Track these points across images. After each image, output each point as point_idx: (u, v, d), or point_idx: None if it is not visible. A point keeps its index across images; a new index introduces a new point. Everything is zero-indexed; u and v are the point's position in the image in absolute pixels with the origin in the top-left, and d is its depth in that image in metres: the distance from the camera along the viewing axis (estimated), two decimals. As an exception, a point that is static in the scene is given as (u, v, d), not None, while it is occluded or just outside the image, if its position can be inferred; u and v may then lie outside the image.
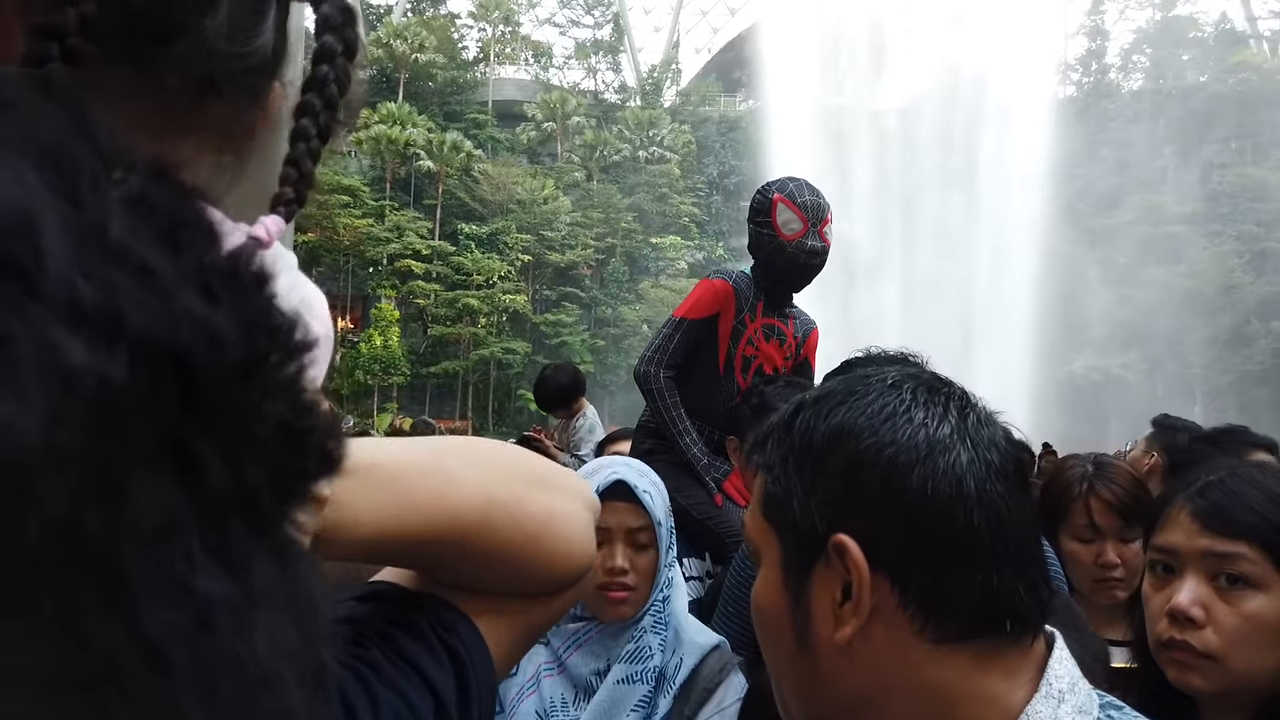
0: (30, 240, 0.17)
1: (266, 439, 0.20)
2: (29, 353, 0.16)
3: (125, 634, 0.17)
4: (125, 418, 0.17)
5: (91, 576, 0.17)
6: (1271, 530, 1.15)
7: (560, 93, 46.08)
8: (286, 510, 0.21)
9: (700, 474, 2.67)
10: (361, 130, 40.08)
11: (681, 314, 2.83)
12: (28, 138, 0.19)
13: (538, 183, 41.44)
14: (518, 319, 40.19)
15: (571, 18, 53.68)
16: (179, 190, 0.22)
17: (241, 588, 0.19)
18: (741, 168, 45.32)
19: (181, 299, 0.19)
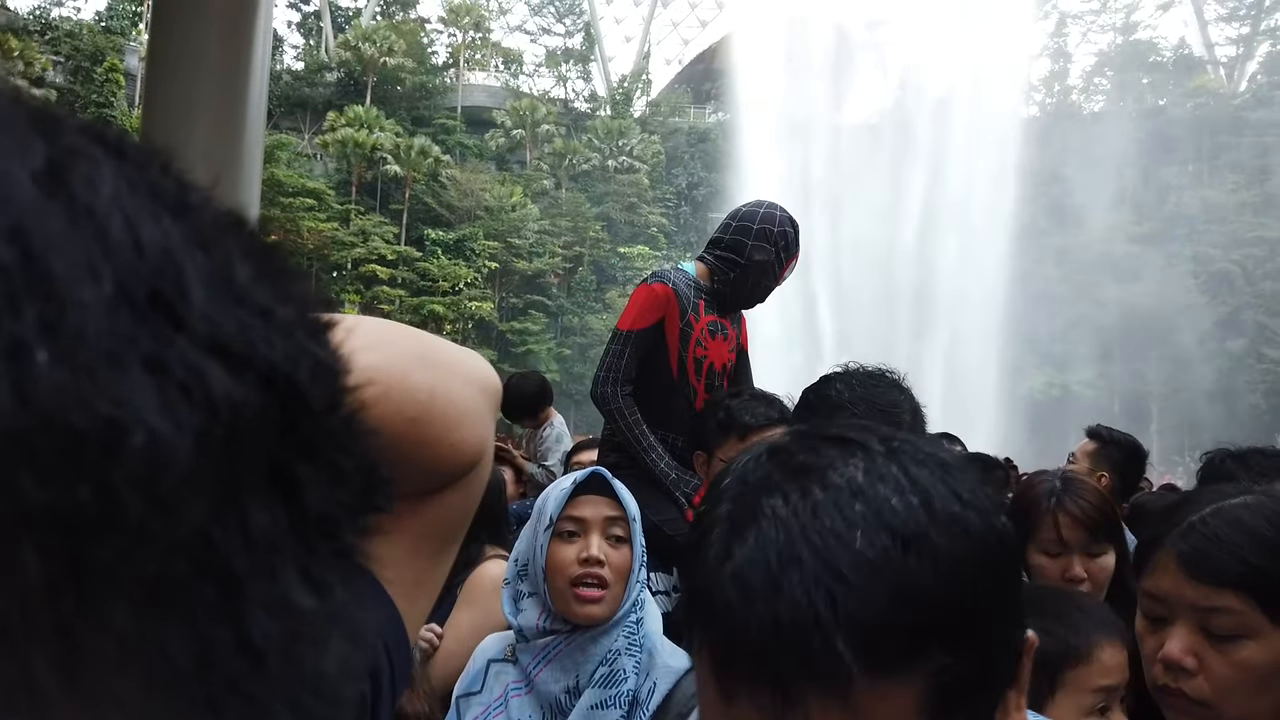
0: (175, 280, 0.19)
1: (348, 468, 0.22)
2: (180, 378, 0.18)
3: (233, 637, 0.19)
4: (252, 440, 0.19)
5: (212, 582, 0.19)
6: (1256, 577, 1.13)
7: (530, 100, 46.00)
8: (358, 537, 0.23)
9: (670, 489, 2.61)
10: (328, 133, 39.76)
11: (627, 326, 2.75)
12: (158, 189, 0.21)
13: (506, 190, 41.29)
14: (484, 326, 39.96)
15: (542, 25, 53.74)
16: (266, 240, 0.24)
17: (324, 606, 0.21)
18: (710, 179, 45.51)
19: (297, 337, 0.22)
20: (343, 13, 49.38)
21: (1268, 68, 47.18)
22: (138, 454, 0.17)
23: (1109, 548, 1.97)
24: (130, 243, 0.19)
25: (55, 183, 0.19)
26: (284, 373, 0.21)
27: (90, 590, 0.17)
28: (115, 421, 0.17)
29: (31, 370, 0.17)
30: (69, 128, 0.21)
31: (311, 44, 48.14)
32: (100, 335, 0.18)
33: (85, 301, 0.18)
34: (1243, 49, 49.00)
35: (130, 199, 0.20)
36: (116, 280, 0.18)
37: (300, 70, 45.56)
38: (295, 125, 44.20)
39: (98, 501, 0.17)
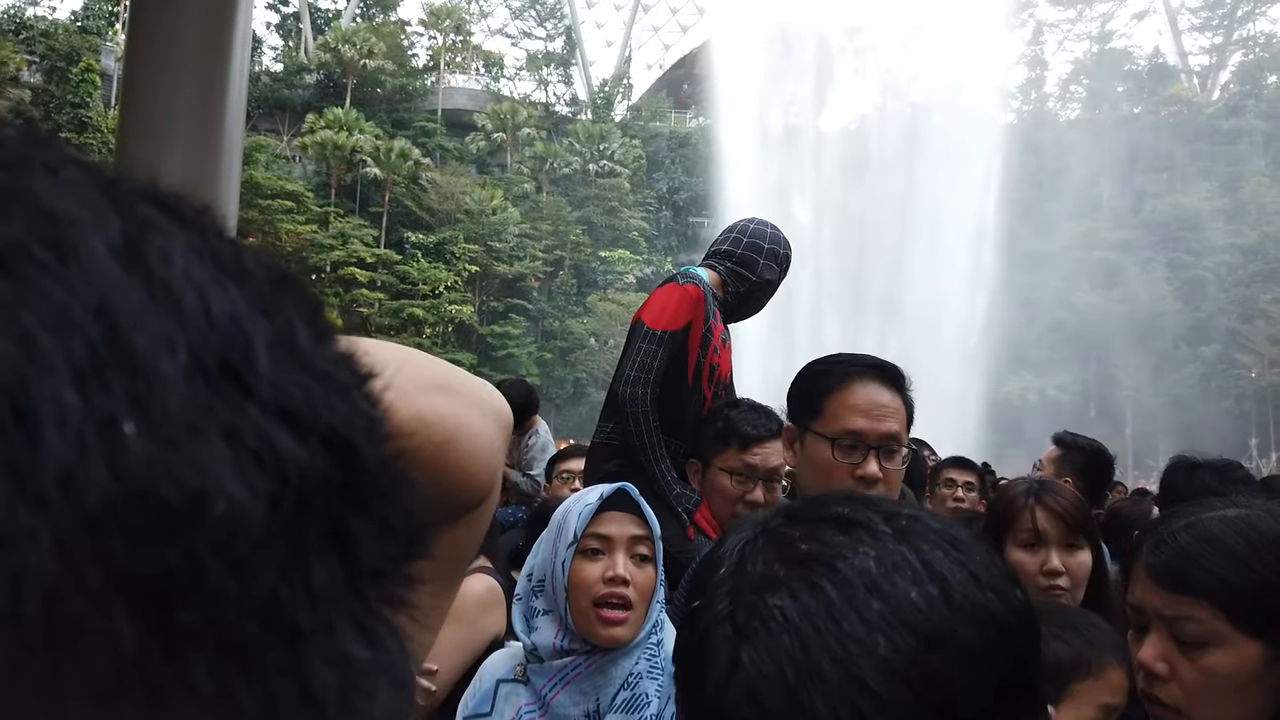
0: (244, 349, 0.20)
1: (396, 521, 0.23)
2: (252, 445, 0.19)
3: (298, 690, 0.20)
4: (316, 502, 0.20)
5: (279, 637, 0.19)
6: (1223, 588, 1.15)
7: (511, 103, 45.93)
8: (404, 586, 0.24)
9: (673, 504, 2.54)
10: (307, 135, 39.53)
11: (662, 326, 2.62)
12: (219, 255, 0.22)
13: (486, 193, 41.19)
14: (464, 330, 39.85)
15: (523, 29, 53.71)
16: (313, 296, 0.25)
17: (376, 656, 0.22)
18: (691, 184, 45.62)
19: (353, 399, 0.23)
20: (322, 14, 49.13)
21: (1240, 77, 47.91)
22: (219, 521, 0.18)
23: (1085, 546, 2.01)
24: (202, 314, 0.20)
25: (133, 257, 0.19)
26: (343, 434, 0.22)
27: (174, 651, 0.18)
28: (199, 491, 0.18)
29: (122, 444, 0.17)
30: (137, 196, 0.22)
31: (291, 45, 47.86)
32: (181, 407, 0.19)
33: (167, 374, 0.19)
34: (1216, 58, 49.77)
35: (199, 270, 0.21)
36: (191, 352, 0.19)
37: (279, 72, 45.28)
38: (274, 127, 43.91)
39: (183, 567, 0.18)
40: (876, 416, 1.71)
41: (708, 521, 2.51)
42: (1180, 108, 46.82)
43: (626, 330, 2.80)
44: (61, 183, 0.20)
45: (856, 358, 1.83)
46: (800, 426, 1.82)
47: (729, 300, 2.82)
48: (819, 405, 1.77)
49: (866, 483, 1.68)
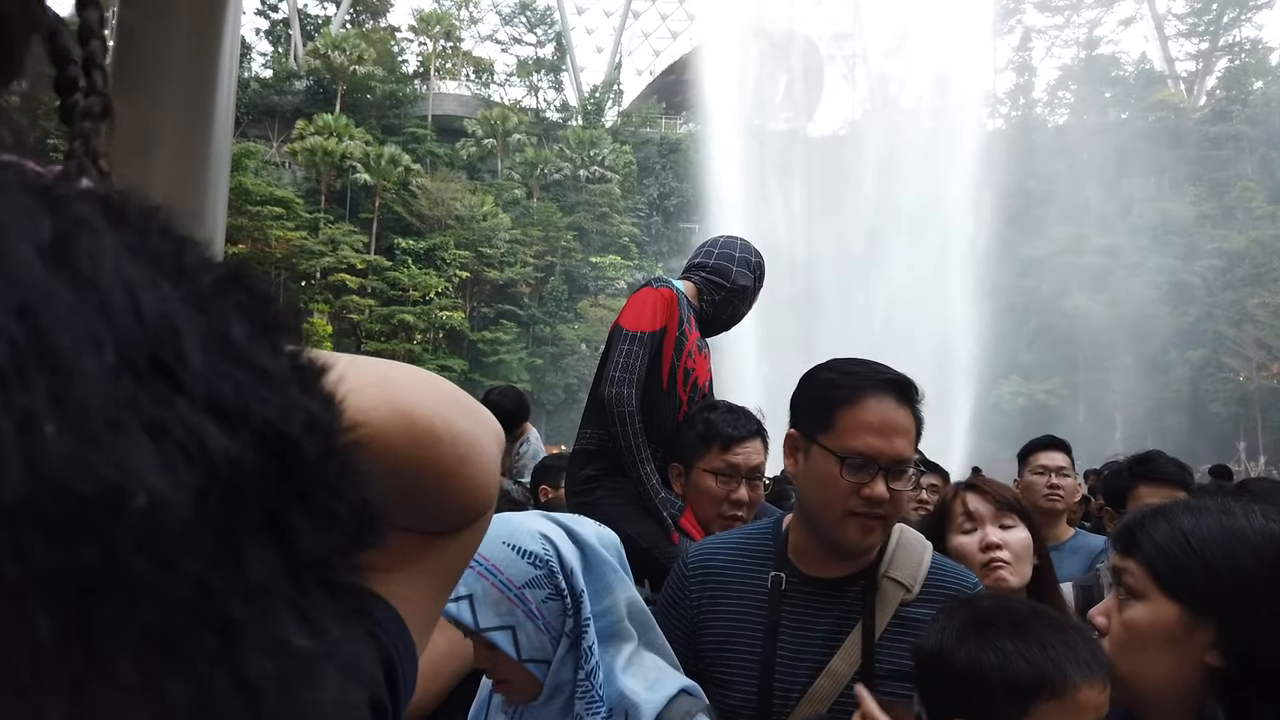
0: (174, 344, 0.21)
1: (341, 511, 0.23)
2: (179, 439, 0.20)
3: (230, 677, 0.20)
4: (248, 494, 0.21)
5: (210, 627, 0.19)
6: (1153, 547, 1.26)
7: (501, 109, 45.96)
8: (349, 577, 0.24)
9: (657, 507, 2.55)
10: (296, 141, 39.45)
11: (639, 327, 2.66)
12: (156, 254, 0.22)
13: (477, 199, 41.18)
14: (454, 336, 39.79)
15: (514, 35, 53.77)
16: (263, 293, 0.25)
17: (318, 644, 0.22)
18: (682, 189, 45.70)
19: (290, 393, 0.23)
20: (312, 20, 49.08)
21: (1226, 83, 48.22)
22: (140, 514, 0.18)
23: (1019, 523, 2.16)
24: (131, 311, 0.20)
25: (60, 257, 0.20)
26: (277, 427, 0.22)
27: (97, 645, 0.18)
28: (118, 485, 0.18)
29: (40, 441, 0.18)
30: (76, 197, 0.22)
31: (280, 52, 47.79)
32: (104, 403, 0.19)
33: (89, 372, 0.19)
34: (1202, 64, 50.11)
35: (131, 267, 0.21)
36: (118, 349, 0.19)
37: (268, 78, 45.20)
38: (263, 133, 43.81)
39: (103, 562, 0.18)
40: (889, 436, 1.67)
41: (693, 525, 2.51)
42: (1167, 113, 47.08)
43: None
44: None
45: (871, 369, 1.76)
46: (806, 437, 1.75)
47: (707, 310, 2.88)
48: (829, 418, 1.71)
49: (872, 503, 1.65)
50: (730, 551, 1.89)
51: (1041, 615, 1.36)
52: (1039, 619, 1.34)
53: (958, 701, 1.31)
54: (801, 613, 1.75)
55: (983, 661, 1.28)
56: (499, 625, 1.43)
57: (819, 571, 1.77)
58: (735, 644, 1.77)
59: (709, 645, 1.80)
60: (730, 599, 1.82)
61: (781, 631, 1.74)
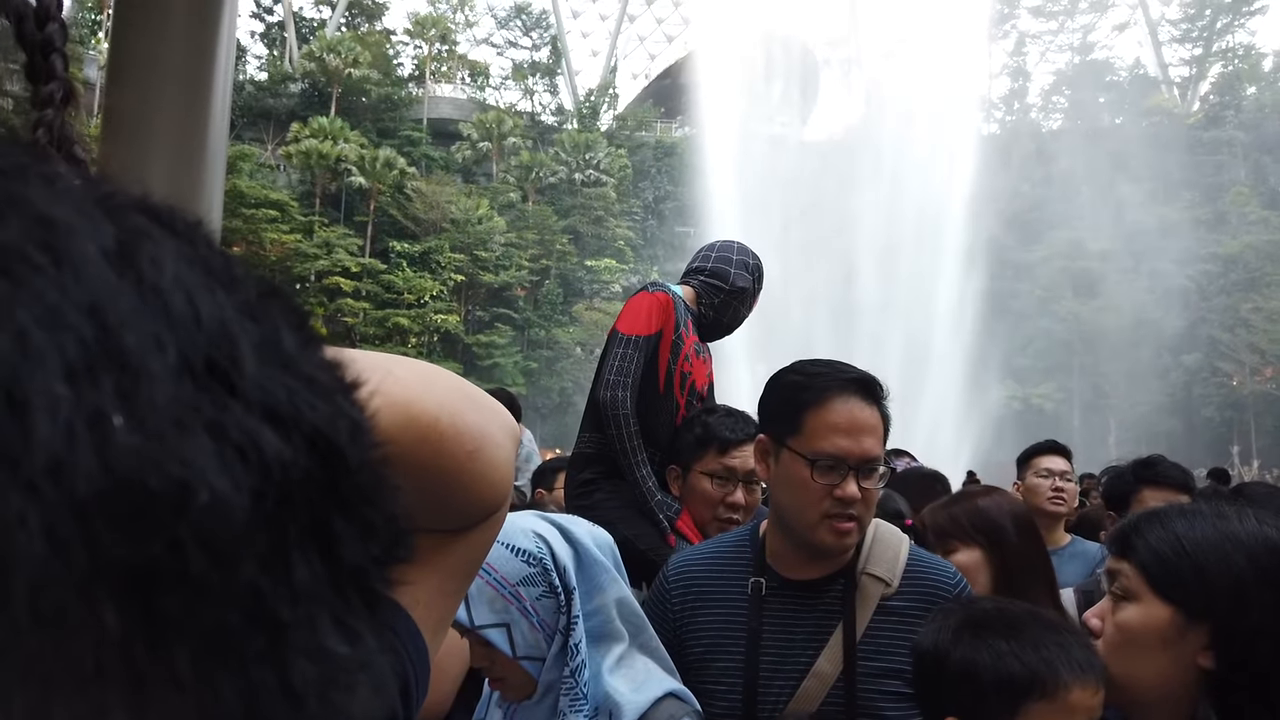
0: (230, 350, 0.21)
1: (377, 522, 0.24)
2: (237, 441, 0.20)
3: (276, 679, 0.20)
4: (298, 499, 0.21)
5: (259, 628, 0.20)
6: (1147, 550, 1.27)
7: (497, 113, 45.95)
8: (385, 587, 0.25)
9: (654, 510, 2.55)
10: (291, 144, 39.39)
11: (634, 331, 2.67)
12: (208, 263, 0.23)
13: (472, 202, 41.16)
14: (449, 339, 39.74)
15: (509, 39, 53.75)
16: (301, 306, 0.26)
17: (355, 653, 0.22)
18: (677, 193, 45.71)
19: (336, 402, 0.24)
20: (307, 23, 49.04)
21: (1220, 88, 48.41)
22: (203, 512, 0.19)
23: (966, 547, 2.23)
24: (191, 316, 0.21)
25: (124, 262, 0.20)
26: (326, 435, 0.22)
27: (157, 639, 0.19)
28: (184, 482, 0.19)
29: (111, 436, 0.18)
30: (131, 206, 0.22)
31: (275, 54, 47.74)
32: (168, 402, 0.19)
33: (155, 372, 0.19)
34: (1196, 69, 50.28)
35: (189, 275, 0.22)
36: (179, 351, 0.20)
37: (264, 81, 45.13)
38: (258, 136, 43.75)
39: (167, 557, 0.18)
40: (857, 436, 1.67)
41: (690, 529, 2.51)
42: (1161, 118, 47.24)
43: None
44: (58, 191, 0.21)
45: (835, 369, 1.76)
46: (775, 441, 1.76)
47: (706, 314, 2.89)
48: (796, 421, 1.71)
49: (844, 504, 1.65)
50: (709, 561, 1.89)
51: (1037, 617, 1.37)
52: (1034, 621, 1.35)
53: (952, 701, 1.32)
54: (783, 617, 1.75)
55: (976, 661, 1.30)
56: (494, 623, 1.45)
57: (798, 574, 1.77)
58: (719, 653, 1.77)
59: (693, 656, 1.78)
60: (712, 609, 1.82)
61: (765, 637, 1.74)
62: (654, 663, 1.55)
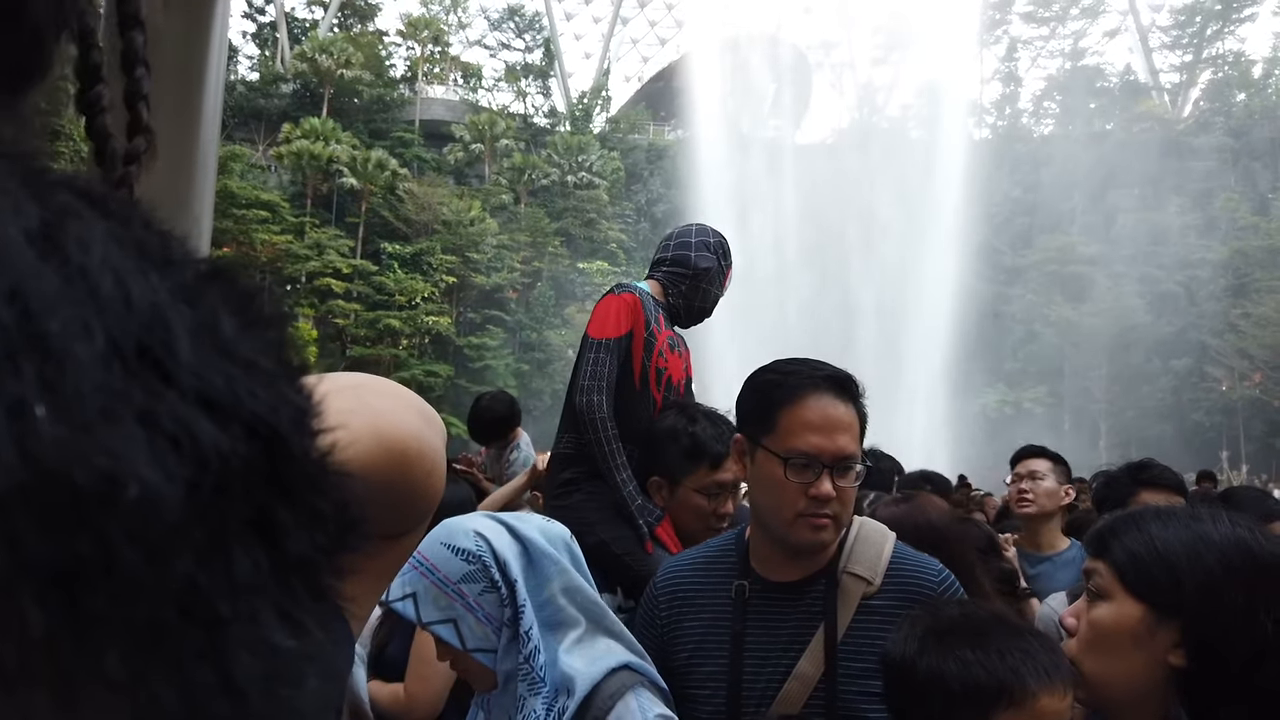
0: (164, 335, 0.20)
1: (324, 511, 0.23)
2: (170, 430, 0.19)
3: (217, 677, 0.19)
4: (238, 489, 0.20)
5: (196, 624, 0.19)
6: (1120, 549, 1.30)
7: (489, 114, 45.89)
8: (332, 578, 0.24)
9: (634, 514, 2.53)
10: (283, 144, 39.27)
11: (605, 334, 2.70)
12: (142, 245, 0.22)
13: (464, 204, 41.08)
14: (440, 341, 39.64)
15: (502, 40, 53.78)
16: (247, 287, 0.25)
17: (301, 645, 0.22)
18: (670, 196, 45.72)
19: (278, 388, 0.23)
20: (299, 24, 48.94)
21: (1209, 94, 48.72)
22: (133, 506, 0.18)
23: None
24: (120, 299, 0.20)
25: (49, 243, 0.19)
26: (267, 423, 0.21)
27: (86, 638, 0.18)
28: (112, 475, 0.18)
29: (33, 426, 0.17)
30: (60, 185, 0.21)
31: (267, 55, 47.62)
32: (95, 391, 0.18)
33: (80, 358, 0.18)
34: (1186, 76, 50.57)
35: (119, 257, 0.21)
36: (108, 337, 0.19)
37: (255, 81, 45.02)
38: (249, 136, 43.61)
39: (95, 552, 0.18)
40: (830, 433, 1.65)
41: (670, 538, 2.50)
42: (1151, 124, 47.47)
43: None
44: None
45: (809, 366, 1.75)
46: (751, 440, 1.75)
47: (676, 304, 2.91)
48: (770, 419, 1.71)
49: (820, 502, 1.64)
50: (696, 567, 1.89)
51: (1003, 621, 1.38)
52: (999, 626, 1.35)
53: (920, 710, 1.34)
54: (766, 619, 1.74)
55: (944, 671, 1.30)
56: (441, 619, 1.51)
57: (780, 575, 1.76)
58: (704, 657, 1.76)
59: (679, 662, 1.78)
60: (697, 613, 1.81)
61: (748, 639, 1.73)
62: (617, 642, 1.58)
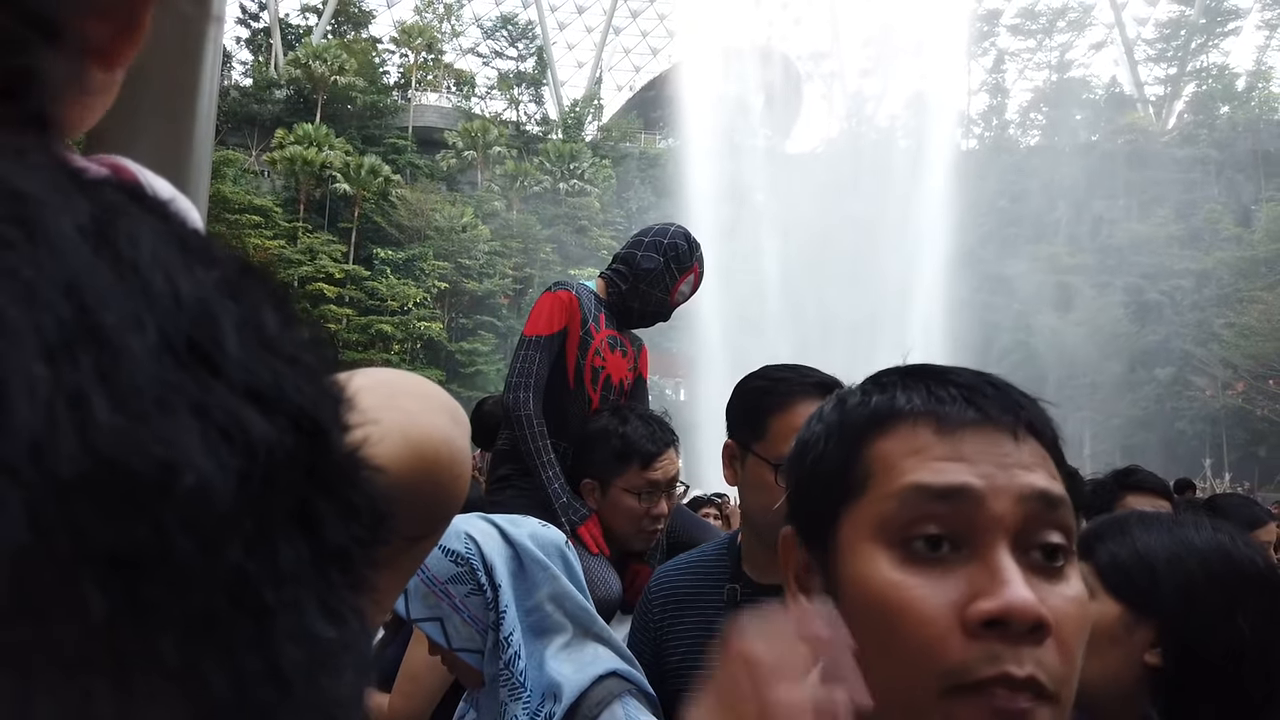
0: (211, 329, 0.21)
1: (360, 504, 0.24)
2: (221, 422, 0.20)
3: (263, 665, 0.20)
4: (283, 480, 0.21)
5: (248, 615, 0.20)
6: (1105, 553, 1.32)
7: (482, 122, 46.09)
8: (368, 569, 0.24)
9: (558, 512, 2.48)
10: (276, 150, 39.44)
11: (536, 332, 2.70)
12: (185, 241, 0.22)
13: (457, 210, 41.25)
14: (432, 346, 39.78)
15: (495, 49, 53.99)
16: (281, 285, 0.25)
17: (341, 636, 0.22)
18: (660, 204, 45.90)
19: (320, 383, 0.23)
20: (293, 30, 49.12)
21: (1194, 107, 49.17)
22: (188, 495, 0.18)
23: None
24: (170, 294, 0.20)
25: (101, 239, 0.20)
26: (310, 416, 0.22)
27: (143, 624, 0.18)
28: (169, 463, 0.18)
29: (92, 416, 0.18)
30: (103, 183, 0.22)
31: (261, 60, 47.78)
32: (150, 382, 0.19)
33: (135, 351, 0.19)
34: (1170, 88, 51.04)
35: (167, 252, 0.21)
36: (160, 330, 0.19)
37: (249, 86, 45.16)
38: (243, 142, 43.78)
39: (152, 540, 0.18)
40: None
41: (593, 539, 2.46)
42: (1136, 136, 47.91)
43: None
44: (29, 166, 0.21)
45: (799, 373, 1.78)
46: (741, 446, 1.78)
47: (615, 301, 2.87)
48: (761, 426, 1.73)
49: None
50: (690, 571, 1.91)
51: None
52: None
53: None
54: None
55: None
56: (428, 617, 1.54)
57: (771, 579, 1.76)
58: (696, 660, 1.77)
59: (671, 665, 1.81)
60: (690, 617, 1.83)
61: None
62: (605, 648, 1.58)
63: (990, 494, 0.68)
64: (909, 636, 0.66)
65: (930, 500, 0.69)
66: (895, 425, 0.74)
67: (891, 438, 0.73)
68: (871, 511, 0.71)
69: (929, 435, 0.72)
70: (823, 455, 0.76)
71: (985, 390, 0.75)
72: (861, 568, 0.70)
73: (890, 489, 0.71)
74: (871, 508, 0.71)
